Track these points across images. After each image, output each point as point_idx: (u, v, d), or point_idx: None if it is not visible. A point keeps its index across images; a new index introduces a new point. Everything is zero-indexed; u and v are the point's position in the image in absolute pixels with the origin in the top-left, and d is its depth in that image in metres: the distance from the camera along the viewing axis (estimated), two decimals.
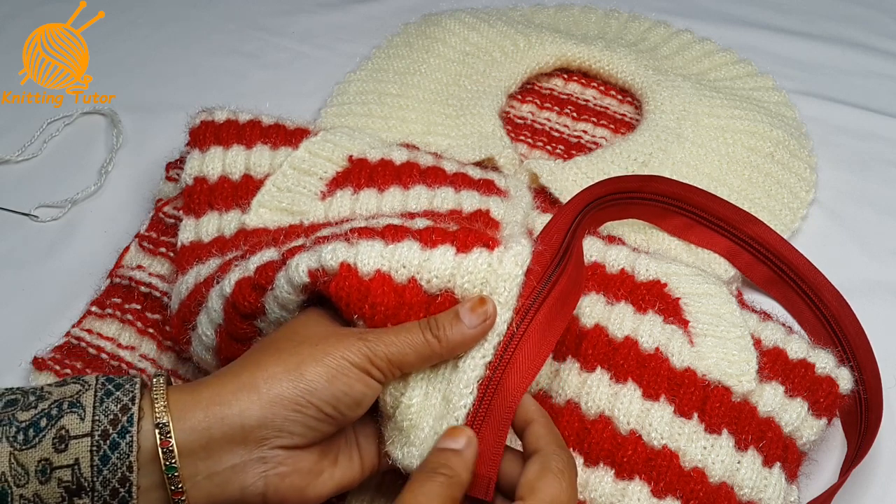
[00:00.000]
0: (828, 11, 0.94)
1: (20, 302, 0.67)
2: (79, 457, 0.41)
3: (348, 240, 0.50)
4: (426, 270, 0.49)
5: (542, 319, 0.50)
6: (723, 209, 0.67)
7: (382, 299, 0.48)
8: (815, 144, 0.78)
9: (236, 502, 0.45)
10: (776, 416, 0.54)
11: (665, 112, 0.76)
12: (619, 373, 0.54)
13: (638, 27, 0.89)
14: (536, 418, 0.47)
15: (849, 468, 0.56)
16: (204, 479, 0.44)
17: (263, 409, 0.44)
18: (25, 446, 0.41)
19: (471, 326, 0.47)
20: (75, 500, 0.41)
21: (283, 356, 0.46)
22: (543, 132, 0.78)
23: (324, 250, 0.49)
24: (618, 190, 0.64)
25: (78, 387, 0.43)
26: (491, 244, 0.50)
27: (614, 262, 0.60)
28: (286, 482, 0.45)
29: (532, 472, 0.44)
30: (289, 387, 0.45)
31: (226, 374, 0.46)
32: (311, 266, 0.49)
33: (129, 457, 0.42)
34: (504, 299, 0.49)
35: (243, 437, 0.44)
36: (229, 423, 0.44)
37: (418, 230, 0.51)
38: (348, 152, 0.64)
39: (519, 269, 0.50)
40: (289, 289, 0.50)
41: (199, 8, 0.93)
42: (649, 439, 0.52)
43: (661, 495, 0.51)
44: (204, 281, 0.56)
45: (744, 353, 0.56)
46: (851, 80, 0.86)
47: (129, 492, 0.42)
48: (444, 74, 0.81)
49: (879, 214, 0.74)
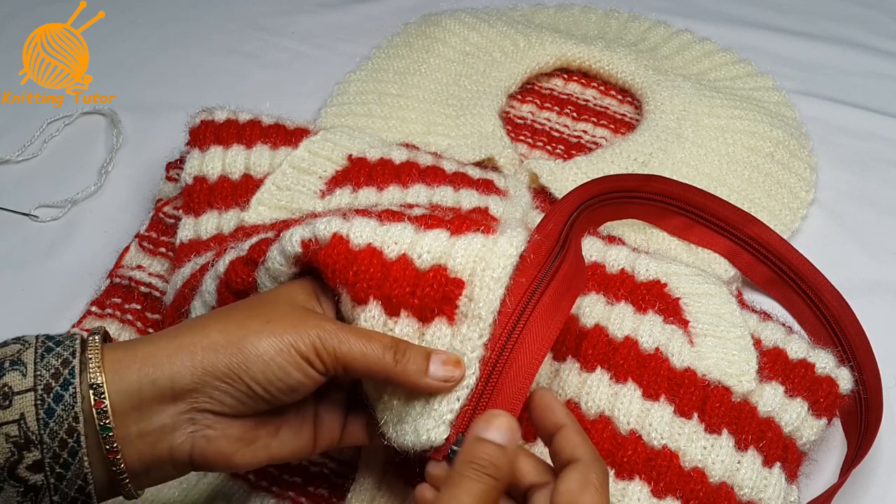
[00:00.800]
0: (828, 11, 0.94)
1: (20, 302, 0.67)
2: (24, 411, 0.41)
3: (344, 216, 0.49)
4: (418, 246, 0.48)
5: (548, 300, 0.49)
6: (723, 209, 0.67)
7: (367, 268, 0.47)
8: (815, 144, 0.78)
9: (166, 462, 0.45)
10: (776, 416, 0.54)
11: (665, 112, 0.76)
12: (619, 373, 0.54)
13: (638, 27, 0.89)
14: (567, 423, 0.45)
15: (849, 468, 0.56)
16: (136, 438, 0.43)
17: (195, 376, 0.44)
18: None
19: (431, 376, 0.46)
20: (25, 454, 0.41)
21: (229, 326, 0.45)
22: (543, 132, 0.79)
23: (318, 222, 0.49)
24: (616, 188, 0.64)
25: (18, 346, 0.43)
26: (486, 229, 0.49)
27: (614, 262, 0.60)
28: (213, 446, 0.45)
29: (573, 482, 0.42)
30: (224, 359, 0.44)
31: (168, 333, 0.46)
32: (305, 236, 0.49)
33: (73, 408, 0.42)
34: (498, 275, 0.48)
35: (173, 397, 0.44)
36: (160, 384, 0.43)
37: (415, 216, 0.50)
38: (348, 151, 0.64)
39: (513, 249, 0.49)
40: (281, 260, 0.49)
41: (199, 8, 0.93)
42: (649, 439, 0.52)
43: (661, 495, 0.51)
44: (200, 268, 0.56)
45: (744, 353, 0.56)
46: (851, 80, 0.86)
47: (77, 442, 0.42)
48: (444, 74, 0.81)
49: (879, 214, 0.74)
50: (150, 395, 0.43)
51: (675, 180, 0.67)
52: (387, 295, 0.48)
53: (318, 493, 0.56)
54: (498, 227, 0.50)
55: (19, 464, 0.41)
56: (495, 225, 0.51)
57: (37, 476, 0.41)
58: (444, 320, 0.48)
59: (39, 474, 0.41)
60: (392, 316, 0.48)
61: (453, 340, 0.47)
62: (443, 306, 0.48)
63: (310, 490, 0.56)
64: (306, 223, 0.50)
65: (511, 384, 0.47)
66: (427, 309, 0.48)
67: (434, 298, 0.47)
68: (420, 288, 0.48)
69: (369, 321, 0.48)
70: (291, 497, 0.56)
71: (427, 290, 0.47)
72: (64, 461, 0.42)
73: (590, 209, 0.62)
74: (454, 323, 0.48)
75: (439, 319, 0.48)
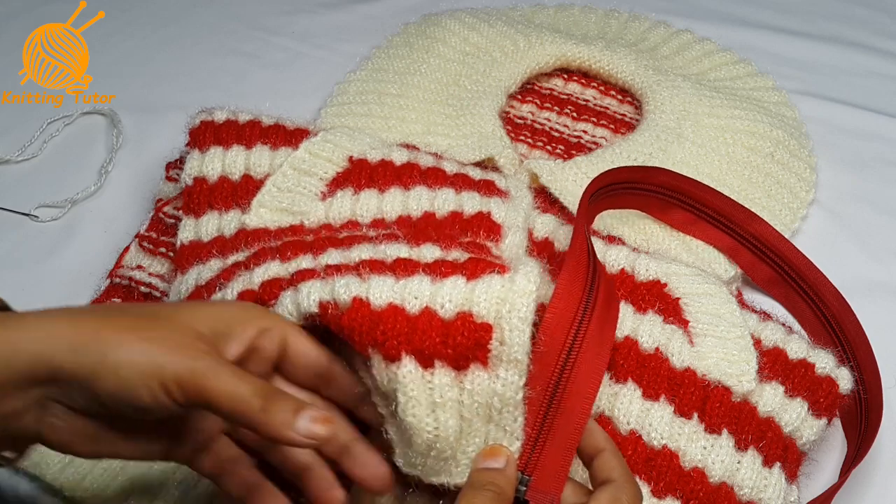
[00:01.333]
0: (828, 11, 0.94)
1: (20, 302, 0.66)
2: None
3: (360, 274, 0.49)
4: (439, 297, 0.48)
5: (593, 333, 0.49)
6: (726, 206, 0.67)
7: (394, 325, 0.47)
8: (815, 144, 0.78)
9: (8, 438, 0.44)
10: (776, 416, 0.55)
11: (665, 112, 0.76)
12: (619, 373, 0.54)
13: (638, 27, 0.89)
14: (607, 447, 0.48)
15: (849, 468, 0.56)
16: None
17: (51, 368, 0.41)
18: None
19: (295, 430, 0.41)
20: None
21: (105, 328, 0.42)
22: (543, 132, 0.78)
23: (337, 283, 0.48)
24: (621, 179, 0.64)
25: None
26: (500, 269, 0.49)
27: (614, 262, 0.60)
28: (56, 435, 0.43)
29: (604, 502, 0.45)
30: (84, 360, 0.41)
31: (42, 315, 0.43)
32: (324, 298, 0.48)
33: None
34: (524, 315, 0.47)
35: (28, 384, 0.42)
36: (16, 368, 0.41)
37: (427, 264, 0.50)
38: (348, 153, 0.64)
39: (532, 286, 0.48)
40: (294, 313, 0.49)
41: (199, 8, 0.93)
42: (649, 439, 0.52)
43: (661, 495, 0.51)
44: (205, 284, 0.56)
45: (744, 353, 0.56)
46: (851, 80, 0.86)
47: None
48: (444, 74, 0.81)
49: (879, 214, 0.74)
50: (4, 377, 0.41)
51: (680, 174, 0.67)
52: (418, 349, 0.47)
53: None
54: (507, 262, 0.50)
55: None
56: (506, 259, 0.51)
57: None
58: (480, 366, 0.47)
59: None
60: (427, 368, 0.47)
61: (493, 385, 0.47)
62: (476, 352, 0.47)
63: None
64: (324, 281, 0.49)
65: (564, 428, 0.48)
66: (461, 357, 0.47)
67: (467, 346, 0.47)
68: (451, 337, 0.47)
69: (406, 376, 0.46)
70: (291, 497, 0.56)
71: (459, 338, 0.47)
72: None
73: (595, 200, 0.62)
74: (489, 367, 0.47)
75: (475, 366, 0.47)
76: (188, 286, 0.57)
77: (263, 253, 0.54)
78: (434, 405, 0.46)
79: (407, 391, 0.46)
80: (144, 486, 0.56)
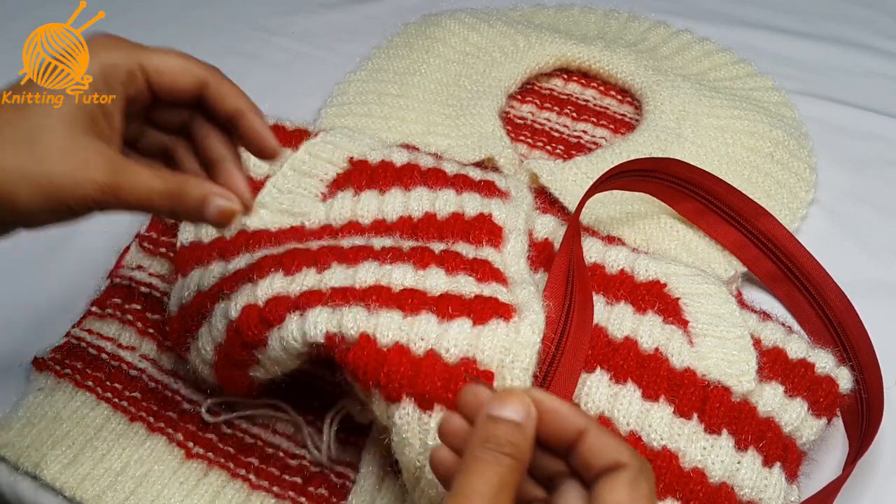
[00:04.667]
0: (828, 11, 0.94)
1: (20, 302, 0.67)
2: None
3: (368, 305, 0.50)
4: (444, 341, 0.49)
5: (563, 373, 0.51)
6: (736, 200, 0.67)
7: (398, 368, 0.48)
8: (814, 144, 0.78)
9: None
10: (776, 416, 0.55)
11: (665, 112, 0.76)
12: (619, 373, 0.54)
13: (638, 27, 0.89)
14: (589, 426, 0.38)
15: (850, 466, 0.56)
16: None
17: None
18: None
19: (206, 214, 0.45)
20: None
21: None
22: (543, 132, 0.78)
23: (345, 316, 0.49)
24: (633, 168, 0.65)
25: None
26: (506, 315, 0.50)
27: (614, 263, 0.60)
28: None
29: (623, 493, 0.37)
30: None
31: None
32: (331, 329, 0.49)
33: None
34: (526, 365, 0.49)
35: None
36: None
37: (434, 298, 0.51)
38: (349, 154, 0.64)
39: (536, 337, 0.50)
40: (299, 339, 0.50)
41: (199, 8, 0.93)
42: (649, 440, 0.52)
43: (661, 496, 0.51)
44: (207, 291, 0.56)
45: (743, 353, 0.56)
46: (851, 80, 0.86)
47: None
48: (444, 75, 0.81)
49: (879, 214, 0.74)
50: None
51: (692, 165, 0.67)
52: (420, 392, 0.48)
53: (318, 493, 0.56)
54: (515, 304, 0.51)
55: None
56: (512, 300, 0.52)
57: None
58: None
59: None
60: (426, 410, 0.48)
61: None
62: None
63: (310, 490, 0.56)
64: (332, 311, 0.50)
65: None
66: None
67: None
68: (453, 382, 0.48)
69: (404, 417, 0.48)
70: (291, 497, 0.56)
71: (461, 384, 0.48)
72: None
73: (605, 183, 0.63)
74: None
75: None
76: (190, 291, 0.57)
77: (266, 263, 0.54)
78: (426, 448, 0.47)
79: (401, 433, 0.48)
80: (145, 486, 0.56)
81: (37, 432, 0.58)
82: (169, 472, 0.56)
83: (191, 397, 0.60)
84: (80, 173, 0.43)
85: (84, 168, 0.43)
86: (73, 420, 0.58)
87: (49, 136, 0.43)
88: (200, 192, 0.45)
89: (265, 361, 0.52)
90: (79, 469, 0.56)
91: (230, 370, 0.55)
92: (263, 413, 0.59)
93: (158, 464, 0.57)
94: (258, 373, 0.54)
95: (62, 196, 0.43)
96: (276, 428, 0.59)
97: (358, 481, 0.54)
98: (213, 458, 0.57)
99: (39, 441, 0.57)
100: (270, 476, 0.57)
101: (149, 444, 0.58)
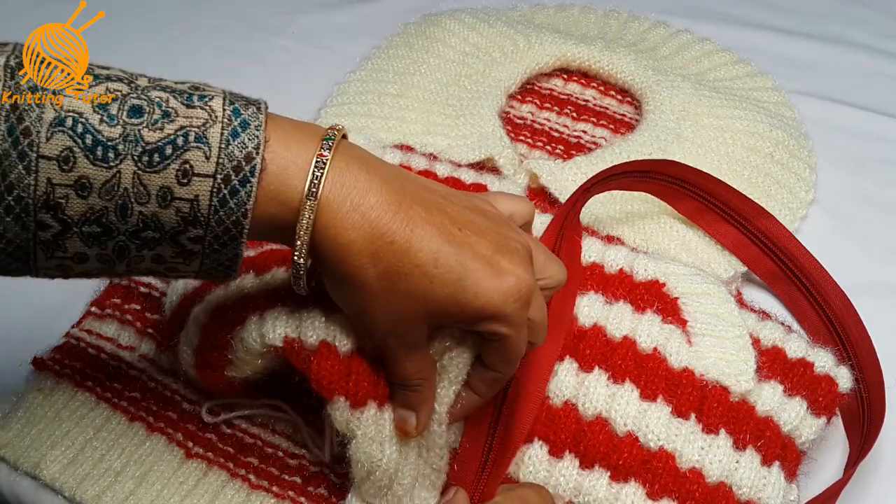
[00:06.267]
0: (828, 11, 0.94)
1: (20, 302, 0.67)
2: (199, 194, 0.42)
3: (324, 311, 0.49)
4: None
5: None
6: (735, 199, 0.67)
7: (364, 377, 0.49)
8: (814, 144, 0.78)
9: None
10: (775, 416, 0.54)
11: (665, 112, 0.76)
12: (617, 373, 0.54)
13: (637, 27, 0.89)
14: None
15: (852, 467, 0.56)
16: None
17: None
18: (149, 169, 0.41)
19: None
20: (190, 229, 0.42)
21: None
22: (543, 132, 0.78)
23: (303, 322, 0.49)
24: (631, 170, 0.65)
25: (205, 116, 0.42)
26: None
27: (613, 262, 0.60)
28: None
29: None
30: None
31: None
32: (289, 334, 0.49)
33: (245, 205, 0.42)
34: (454, 374, 0.51)
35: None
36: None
37: None
38: None
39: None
40: (258, 341, 0.50)
41: (199, 8, 0.93)
42: (646, 441, 0.52)
43: (657, 497, 0.51)
44: (190, 294, 0.56)
45: (742, 352, 0.56)
46: (851, 80, 0.86)
47: (240, 232, 0.43)
48: (444, 74, 0.81)
49: (879, 214, 0.74)
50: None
51: (690, 166, 0.67)
52: (381, 394, 0.49)
53: (318, 493, 0.56)
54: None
55: (182, 234, 0.43)
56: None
57: (195, 246, 0.43)
58: None
59: (198, 245, 0.43)
60: (381, 406, 0.49)
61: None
62: None
63: (310, 490, 0.56)
64: (290, 315, 0.50)
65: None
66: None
67: None
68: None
69: (368, 419, 0.49)
70: (291, 497, 0.56)
71: None
72: (223, 242, 0.43)
73: (602, 182, 0.63)
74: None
75: None
76: (178, 294, 0.58)
77: (242, 264, 0.55)
78: (384, 439, 0.49)
79: (365, 431, 0.49)
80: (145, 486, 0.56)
81: (36, 432, 0.58)
82: (169, 472, 0.56)
83: (190, 397, 0.60)
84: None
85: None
86: (72, 420, 0.58)
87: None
88: (413, 406, 0.50)
89: (235, 361, 0.53)
90: (78, 469, 0.56)
91: (207, 372, 0.55)
92: (263, 413, 0.59)
93: (158, 464, 0.57)
94: (233, 372, 0.54)
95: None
96: (275, 427, 0.59)
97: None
98: (212, 458, 0.57)
99: (39, 441, 0.57)
100: (270, 476, 0.57)
101: (149, 444, 0.58)
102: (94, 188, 0.41)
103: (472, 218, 0.47)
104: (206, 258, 0.44)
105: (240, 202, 0.42)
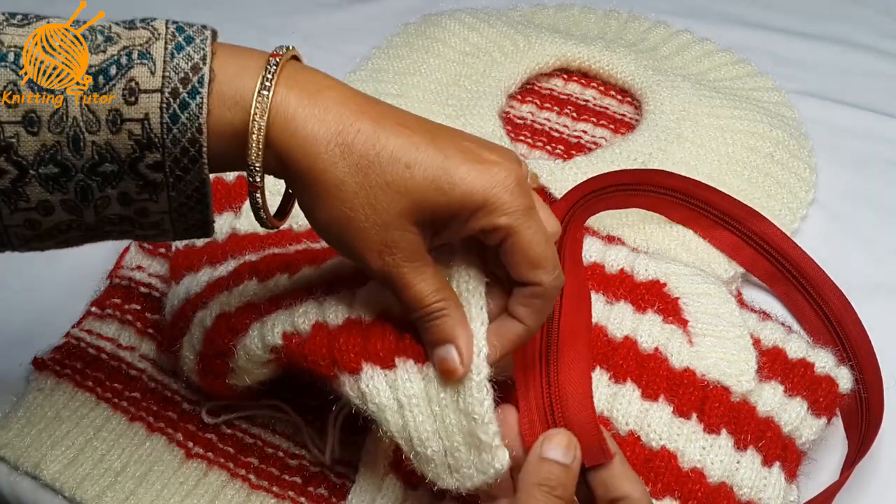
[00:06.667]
0: (828, 11, 0.94)
1: (20, 302, 0.67)
2: (149, 112, 0.40)
3: (317, 298, 0.49)
4: (395, 308, 0.48)
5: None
6: (727, 204, 0.67)
7: (348, 337, 0.47)
8: (814, 144, 0.78)
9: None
10: (775, 416, 0.55)
11: (665, 112, 0.76)
12: (618, 373, 0.54)
13: (638, 27, 0.89)
14: (618, 452, 0.45)
15: (849, 467, 0.56)
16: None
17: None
18: (94, 92, 0.40)
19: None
20: (147, 154, 0.41)
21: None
22: (543, 132, 0.79)
23: (296, 313, 0.49)
24: (617, 183, 0.65)
25: (147, 34, 0.41)
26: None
27: (614, 262, 0.60)
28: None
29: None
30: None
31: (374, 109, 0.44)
32: (287, 329, 0.49)
33: (198, 118, 0.41)
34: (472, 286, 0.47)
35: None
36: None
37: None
38: None
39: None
40: (260, 345, 0.50)
41: (199, 8, 0.93)
42: (648, 440, 0.52)
43: (660, 496, 0.51)
44: (192, 299, 0.56)
45: (743, 352, 0.56)
46: (851, 80, 0.86)
47: (199, 152, 0.41)
48: (444, 75, 0.81)
49: (879, 214, 0.74)
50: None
51: (677, 174, 0.67)
52: (375, 353, 0.47)
53: (318, 493, 0.56)
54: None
55: (140, 161, 0.41)
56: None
57: (156, 174, 0.41)
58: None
59: (159, 173, 0.41)
60: (388, 368, 0.46)
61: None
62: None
63: (310, 490, 0.56)
64: (287, 312, 0.49)
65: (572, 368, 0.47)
66: (419, 352, 0.47)
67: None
68: (407, 331, 0.47)
69: (370, 384, 0.46)
70: (291, 497, 0.56)
71: (413, 331, 0.47)
72: (184, 166, 0.41)
73: (591, 200, 0.62)
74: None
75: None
76: (179, 299, 0.57)
77: (243, 270, 0.55)
78: (401, 406, 0.46)
79: (375, 399, 0.46)
80: (145, 486, 0.56)
81: (36, 432, 0.58)
82: (169, 472, 0.57)
83: (191, 397, 0.60)
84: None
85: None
86: (72, 420, 0.58)
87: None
88: (448, 335, 0.44)
89: (236, 370, 0.53)
90: (78, 469, 0.56)
91: (209, 379, 0.55)
92: (263, 413, 0.59)
93: (158, 464, 0.57)
94: (234, 380, 0.54)
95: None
96: (275, 428, 0.59)
97: (358, 481, 0.54)
98: (212, 458, 0.57)
99: (39, 441, 0.57)
100: (270, 476, 0.57)
101: (149, 444, 0.58)
102: (42, 121, 0.40)
103: (444, 125, 0.45)
104: (172, 189, 0.42)
105: (192, 116, 0.40)
